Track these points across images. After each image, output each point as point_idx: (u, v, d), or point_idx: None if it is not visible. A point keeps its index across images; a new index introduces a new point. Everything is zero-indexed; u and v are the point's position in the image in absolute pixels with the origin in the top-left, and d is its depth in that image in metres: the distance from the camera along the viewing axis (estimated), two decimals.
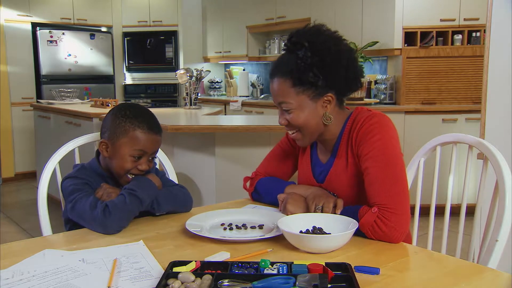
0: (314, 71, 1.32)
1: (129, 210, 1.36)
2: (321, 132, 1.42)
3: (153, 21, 6.48)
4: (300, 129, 1.40)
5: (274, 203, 1.56)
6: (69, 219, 1.48)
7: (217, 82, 6.75)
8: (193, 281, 0.93)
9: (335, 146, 1.44)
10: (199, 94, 4.59)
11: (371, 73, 4.88)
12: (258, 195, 1.62)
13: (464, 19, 4.26)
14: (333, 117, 1.39)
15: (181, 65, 6.48)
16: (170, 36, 6.53)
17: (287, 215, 1.35)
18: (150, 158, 1.51)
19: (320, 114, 1.38)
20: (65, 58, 5.93)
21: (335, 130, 1.42)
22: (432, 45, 4.32)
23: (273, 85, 1.39)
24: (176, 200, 1.53)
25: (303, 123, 1.38)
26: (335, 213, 1.32)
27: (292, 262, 1.02)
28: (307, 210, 1.37)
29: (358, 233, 1.22)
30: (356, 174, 1.39)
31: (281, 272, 0.98)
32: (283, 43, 5.66)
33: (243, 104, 5.67)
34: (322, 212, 1.33)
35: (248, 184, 1.64)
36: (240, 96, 6.20)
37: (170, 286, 0.92)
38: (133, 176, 1.49)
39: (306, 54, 1.31)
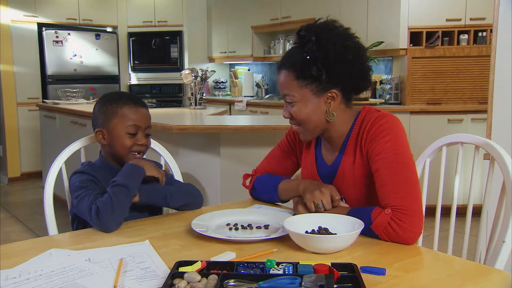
0: (318, 65, 1.31)
1: (117, 202, 1.35)
2: (326, 129, 1.41)
3: (158, 21, 6.49)
4: (302, 124, 1.40)
5: (270, 201, 1.59)
6: (75, 216, 1.50)
7: (222, 82, 6.76)
8: (199, 281, 0.93)
9: (343, 145, 1.42)
10: (204, 94, 4.59)
11: (376, 73, 4.87)
12: (255, 192, 1.63)
13: (470, 19, 4.24)
14: (337, 114, 1.38)
15: (186, 65, 6.49)
16: (175, 36, 6.54)
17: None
18: (146, 134, 1.57)
19: (323, 110, 1.37)
20: (71, 58, 5.96)
21: (342, 128, 1.41)
22: (437, 45, 4.30)
23: (279, 77, 1.40)
24: (188, 194, 1.56)
25: (305, 118, 1.37)
26: (335, 206, 1.34)
27: (298, 263, 1.02)
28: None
29: (364, 233, 1.22)
30: (363, 174, 1.38)
31: (287, 272, 0.98)
32: (288, 43, 5.67)
33: (248, 104, 5.67)
34: (324, 208, 1.34)
35: (247, 181, 1.65)
36: (245, 96, 6.20)
37: (176, 286, 0.92)
38: (138, 154, 1.55)
39: (311, 48, 1.31)
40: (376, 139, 1.32)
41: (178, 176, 1.80)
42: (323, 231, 1.22)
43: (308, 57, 1.32)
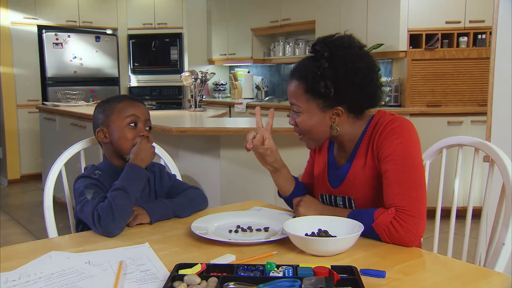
0: (326, 82, 1.31)
1: (116, 207, 1.33)
2: (334, 137, 1.43)
3: (158, 24, 6.50)
4: (305, 133, 1.42)
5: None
6: (80, 220, 1.49)
7: (222, 84, 6.76)
8: (199, 284, 0.93)
9: (355, 147, 1.43)
10: (204, 96, 4.59)
11: None
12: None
13: (470, 21, 4.25)
14: (346, 127, 1.39)
15: (186, 67, 6.49)
16: (175, 39, 6.55)
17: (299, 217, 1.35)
18: (147, 128, 1.56)
19: (327, 124, 1.39)
20: (71, 61, 5.96)
21: (354, 134, 1.42)
22: (437, 47, 4.31)
23: (289, 85, 1.41)
24: (194, 204, 1.57)
25: (309, 129, 1.39)
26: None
27: (298, 265, 1.02)
28: (320, 213, 1.37)
29: (364, 235, 1.22)
30: (373, 176, 1.38)
31: (286, 275, 0.98)
32: (287, 45, 5.67)
33: (248, 106, 5.67)
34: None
35: None
36: (244, 98, 6.21)
37: None
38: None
39: (323, 64, 1.31)
40: (387, 141, 1.33)
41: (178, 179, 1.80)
42: (323, 233, 1.22)
43: (318, 73, 1.32)
